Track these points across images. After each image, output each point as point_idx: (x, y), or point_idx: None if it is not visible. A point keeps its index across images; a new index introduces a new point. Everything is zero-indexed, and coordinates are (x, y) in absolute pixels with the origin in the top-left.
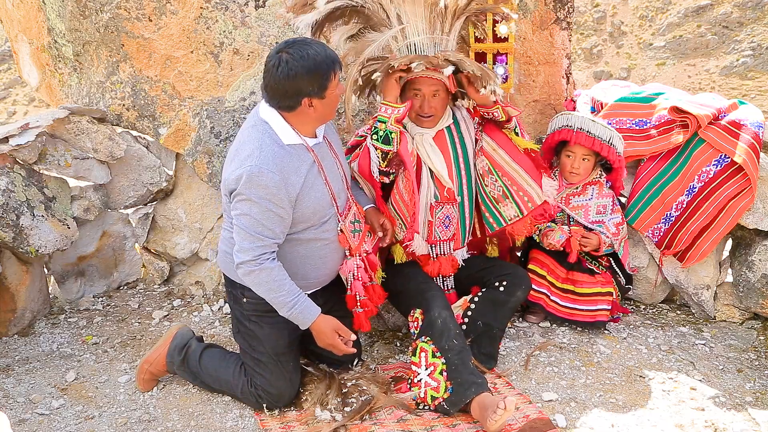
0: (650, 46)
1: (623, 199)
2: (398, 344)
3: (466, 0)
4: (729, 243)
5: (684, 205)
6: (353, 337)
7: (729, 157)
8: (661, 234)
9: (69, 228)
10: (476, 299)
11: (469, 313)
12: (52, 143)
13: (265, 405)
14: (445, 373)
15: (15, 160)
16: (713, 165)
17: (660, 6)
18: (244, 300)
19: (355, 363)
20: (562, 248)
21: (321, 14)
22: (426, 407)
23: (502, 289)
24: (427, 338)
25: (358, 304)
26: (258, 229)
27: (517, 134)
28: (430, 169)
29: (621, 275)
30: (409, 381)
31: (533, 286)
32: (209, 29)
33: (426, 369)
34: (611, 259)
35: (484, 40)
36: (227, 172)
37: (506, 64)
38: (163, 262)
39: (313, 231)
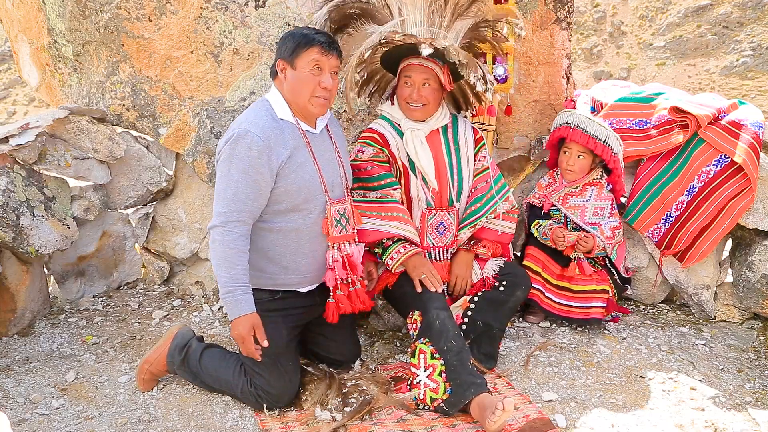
0: (650, 46)
1: (623, 200)
2: (398, 344)
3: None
4: (729, 243)
5: (684, 205)
6: (265, 344)
7: (729, 157)
8: (661, 234)
9: (69, 228)
10: (476, 299)
11: (469, 313)
12: (52, 143)
13: (265, 405)
14: (444, 375)
15: (15, 160)
16: (713, 165)
17: (660, 6)
18: None
19: (355, 363)
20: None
21: (332, 6)
22: (426, 408)
23: (501, 288)
24: (426, 340)
25: (330, 294)
26: (232, 191)
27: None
28: (421, 175)
29: (617, 274)
30: (409, 382)
31: None
32: (209, 29)
33: (425, 370)
34: (607, 258)
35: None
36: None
37: (506, 64)
38: (163, 262)
39: (300, 220)
